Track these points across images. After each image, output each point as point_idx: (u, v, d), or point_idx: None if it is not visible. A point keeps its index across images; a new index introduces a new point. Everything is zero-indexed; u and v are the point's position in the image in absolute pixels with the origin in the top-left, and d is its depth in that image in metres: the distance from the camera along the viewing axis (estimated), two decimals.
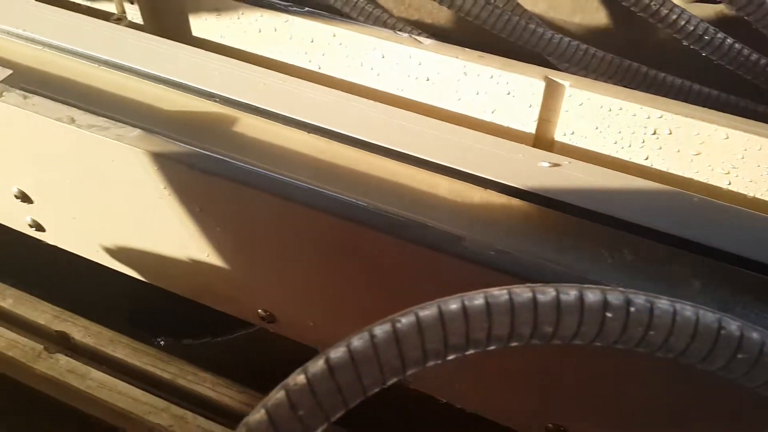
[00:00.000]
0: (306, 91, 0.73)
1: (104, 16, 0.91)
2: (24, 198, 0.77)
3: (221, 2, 0.83)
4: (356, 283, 0.64)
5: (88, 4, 0.92)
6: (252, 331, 0.84)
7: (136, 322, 0.83)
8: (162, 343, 0.81)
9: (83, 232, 0.78)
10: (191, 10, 0.85)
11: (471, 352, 0.35)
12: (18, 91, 0.67)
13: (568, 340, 0.35)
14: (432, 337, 0.34)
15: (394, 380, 0.35)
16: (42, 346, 0.78)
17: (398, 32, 0.77)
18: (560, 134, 0.75)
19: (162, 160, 0.62)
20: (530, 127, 0.75)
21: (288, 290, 0.69)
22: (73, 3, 0.92)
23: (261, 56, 0.85)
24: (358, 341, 0.34)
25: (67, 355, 0.77)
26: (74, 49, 0.76)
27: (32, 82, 0.72)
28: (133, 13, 0.86)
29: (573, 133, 0.74)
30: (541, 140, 0.76)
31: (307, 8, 0.81)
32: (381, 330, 0.34)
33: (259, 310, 0.74)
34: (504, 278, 0.54)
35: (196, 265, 0.72)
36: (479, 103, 0.76)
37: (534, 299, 0.34)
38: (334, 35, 0.79)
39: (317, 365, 0.34)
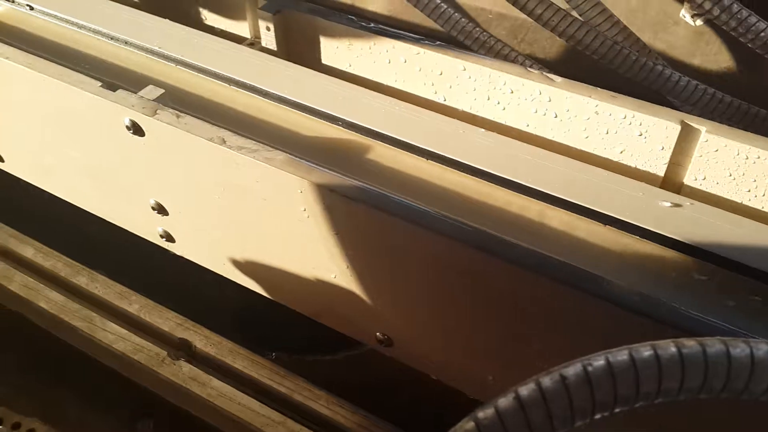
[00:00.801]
0: (436, 122, 0.75)
1: (237, 39, 0.96)
2: (160, 210, 0.81)
3: (354, 33, 0.86)
4: (485, 317, 0.64)
5: (223, 28, 0.97)
6: (364, 351, 0.86)
7: (253, 334, 0.86)
8: (275, 356, 0.83)
9: (212, 245, 0.81)
10: (324, 39, 0.89)
11: (659, 401, 0.35)
12: (171, 110, 0.72)
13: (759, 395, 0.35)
14: (624, 382, 0.34)
15: (579, 423, 0.35)
16: (165, 352, 0.81)
17: (529, 69, 0.79)
18: (690, 179, 0.74)
19: (306, 185, 0.65)
20: (659, 170, 0.75)
21: (411, 317, 0.70)
22: (210, 26, 0.97)
23: (387, 86, 0.88)
24: (548, 382, 0.35)
25: (189, 362, 0.80)
26: (217, 72, 0.80)
27: (181, 102, 0.76)
28: (268, 39, 0.90)
29: (705, 179, 0.73)
30: (669, 183, 0.76)
31: (438, 42, 0.83)
32: (572, 372, 0.35)
33: (378, 334, 0.75)
34: (645, 322, 0.54)
35: (320, 285, 0.75)
36: (608, 142, 0.76)
37: (727, 353, 0.35)
38: (464, 69, 0.81)
39: (508, 401, 0.35)
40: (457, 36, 0.95)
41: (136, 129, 0.73)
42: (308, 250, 0.71)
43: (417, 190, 0.71)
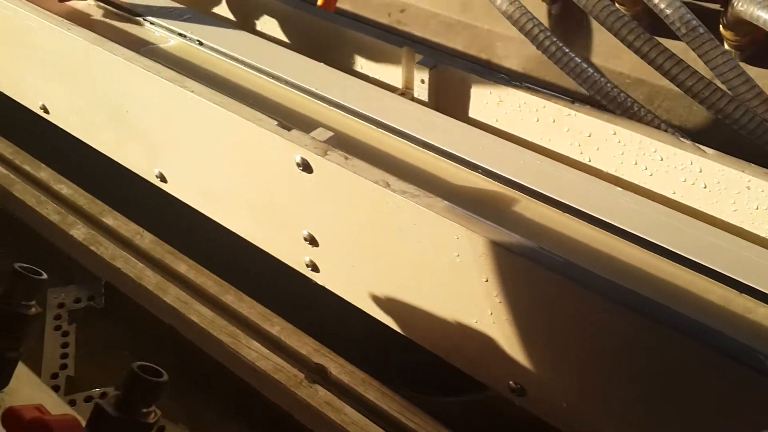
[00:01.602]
0: (587, 182, 0.78)
1: (389, 87, 1.02)
2: (312, 241, 0.88)
3: (506, 90, 0.90)
4: (630, 377, 0.66)
5: (377, 76, 1.04)
6: (489, 396, 0.88)
7: (382, 368, 0.90)
8: (404, 392, 0.87)
9: (356, 279, 0.86)
10: (475, 94, 0.94)
11: None
12: (339, 152, 0.78)
13: None
14: None
15: None
16: (303, 375, 0.86)
17: (681, 139, 0.80)
18: None
19: (464, 232, 0.69)
20: None
21: (556, 373, 0.72)
22: (363, 74, 1.05)
23: (532, 142, 0.91)
24: None
25: (324, 387, 0.85)
26: (379, 120, 0.87)
27: (346, 145, 0.82)
28: (421, 91, 0.96)
29: None
30: None
31: (588, 106, 0.86)
32: None
33: (511, 382, 0.77)
34: None
35: (458, 327, 0.78)
36: (757, 217, 0.77)
37: None
38: (614, 133, 0.84)
39: None
40: (598, 97, 0.98)
41: (306, 166, 0.80)
42: (453, 292, 0.75)
43: (563, 246, 0.74)
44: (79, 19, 1.19)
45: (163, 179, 1.06)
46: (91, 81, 1.06)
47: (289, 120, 0.86)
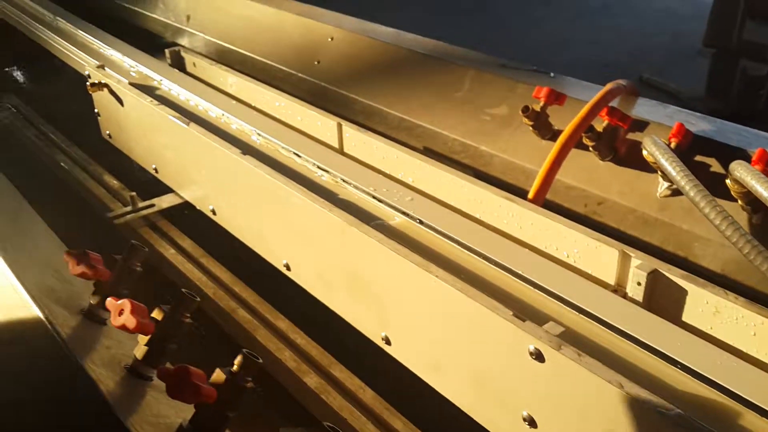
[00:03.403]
0: None
1: (601, 283, 1.12)
2: (531, 423, 0.96)
3: (723, 303, 0.97)
4: None
5: (589, 272, 1.15)
6: None
7: None
8: None
9: None
10: (690, 302, 1.01)
11: None
12: (572, 348, 0.88)
13: None
14: None
15: None
16: None
17: None
18: None
19: None
20: None
21: None
22: (576, 268, 1.16)
23: (747, 354, 0.96)
24: None
25: None
26: (603, 320, 0.96)
27: (575, 340, 0.92)
28: (635, 292, 1.06)
29: None
30: None
31: None
32: None
33: None
34: None
35: None
36: None
37: None
38: None
39: None
40: None
41: (538, 356, 0.90)
42: None
43: None
44: (323, 192, 1.42)
45: (388, 342, 1.20)
46: (339, 251, 1.25)
47: (513, 307, 0.98)
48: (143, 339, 0.91)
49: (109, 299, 0.92)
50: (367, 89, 2.11)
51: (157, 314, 0.92)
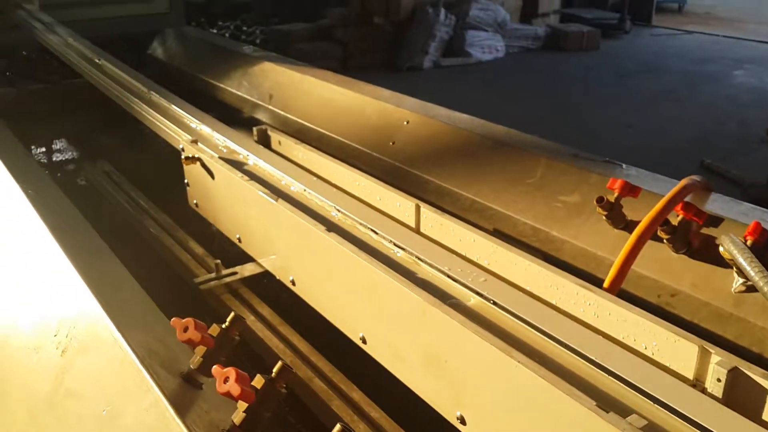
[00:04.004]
0: None
1: (678, 376, 1.14)
2: None
3: None
4: None
5: (667, 364, 1.16)
6: None
7: None
8: None
9: None
10: None
11: None
12: None
13: None
14: None
15: None
16: None
17: None
18: None
19: None
20: None
21: None
22: (655, 360, 1.18)
23: None
24: None
25: None
26: (685, 414, 0.98)
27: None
28: (715, 388, 1.07)
29: None
30: None
31: None
32: None
33: None
34: None
35: None
36: None
37: None
38: None
39: None
40: None
41: None
42: None
43: None
44: (400, 269, 1.48)
45: (463, 422, 1.23)
46: (417, 329, 1.31)
47: (594, 397, 1.01)
48: (242, 405, 0.97)
49: (215, 367, 0.99)
50: (439, 171, 2.20)
51: (257, 382, 0.98)
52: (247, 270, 1.89)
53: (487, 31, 9.32)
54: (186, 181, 2.14)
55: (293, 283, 1.72)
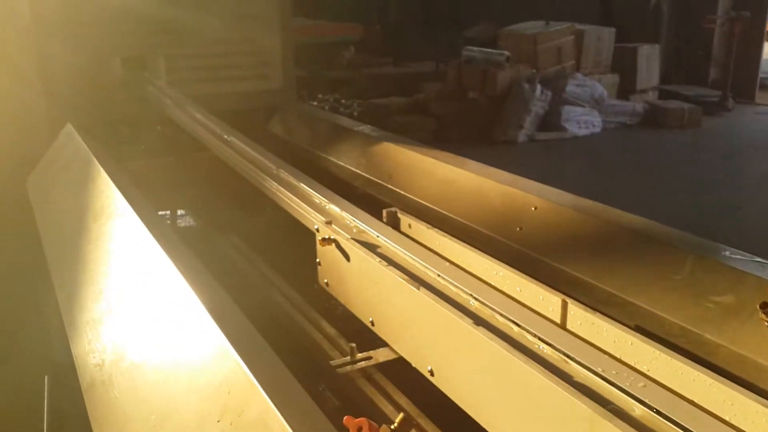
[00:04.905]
0: None
1: None
2: None
3: None
4: None
5: None
6: None
7: None
8: None
9: None
10: None
11: None
12: None
13: None
14: None
15: None
16: None
17: None
18: None
19: None
20: None
21: None
22: None
23: None
24: None
25: None
26: None
27: None
28: None
29: None
30: None
31: None
32: None
33: None
34: None
35: None
36: None
37: None
38: None
39: None
40: None
41: None
42: None
43: None
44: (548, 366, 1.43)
45: None
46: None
47: None
48: None
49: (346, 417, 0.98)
50: (571, 260, 2.15)
51: None
52: (382, 355, 1.88)
53: (584, 107, 9.28)
54: (318, 260, 2.18)
55: (431, 373, 1.69)
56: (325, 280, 2.17)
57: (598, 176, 7.37)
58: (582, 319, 1.62)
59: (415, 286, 1.72)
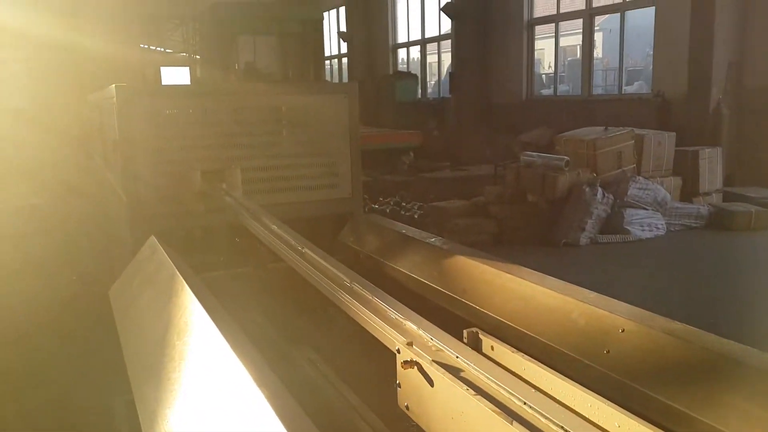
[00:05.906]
0: None
1: None
2: None
3: None
4: None
5: None
6: None
7: None
8: None
9: None
10: None
11: None
12: None
13: None
14: None
15: None
16: None
17: None
18: None
19: None
20: None
21: None
22: None
23: None
24: None
25: None
26: None
27: None
28: None
29: None
30: None
31: None
32: None
33: None
34: None
35: None
36: None
37: None
38: None
39: None
40: None
41: None
42: None
43: None
44: None
45: None
46: None
47: None
48: None
49: None
50: (666, 387, 2.04)
51: None
52: None
53: (647, 210, 9.15)
54: (398, 381, 2.13)
55: None
56: (406, 404, 2.11)
57: (668, 284, 7.14)
58: None
59: (507, 421, 1.66)
